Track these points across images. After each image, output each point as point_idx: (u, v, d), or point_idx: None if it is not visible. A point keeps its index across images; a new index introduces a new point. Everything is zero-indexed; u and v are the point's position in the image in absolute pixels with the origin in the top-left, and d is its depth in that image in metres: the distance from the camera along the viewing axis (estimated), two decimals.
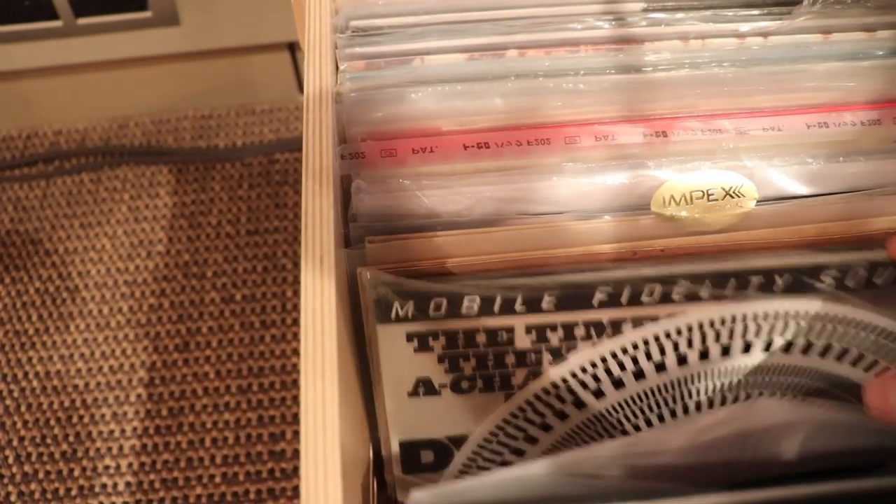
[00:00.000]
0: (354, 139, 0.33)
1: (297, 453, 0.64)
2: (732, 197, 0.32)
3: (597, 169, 0.32)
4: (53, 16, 0.79)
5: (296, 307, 0.72)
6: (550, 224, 0.31)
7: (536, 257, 0.32)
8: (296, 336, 0.70)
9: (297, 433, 0.65)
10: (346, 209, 0.32)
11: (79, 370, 0.70)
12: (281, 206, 0.80)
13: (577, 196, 0.32)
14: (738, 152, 0.34)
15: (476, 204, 0.31)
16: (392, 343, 0.32)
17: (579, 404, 0.36)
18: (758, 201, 0.32)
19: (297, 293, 0.73)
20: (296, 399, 0.67)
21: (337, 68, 0.37)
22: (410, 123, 0.34)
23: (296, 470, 0.63)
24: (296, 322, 0.71)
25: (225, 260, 0.76)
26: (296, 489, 0.62)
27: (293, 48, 0.86)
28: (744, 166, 0.33)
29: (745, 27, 0.38)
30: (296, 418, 0.66)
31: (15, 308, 0.74)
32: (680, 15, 0.39)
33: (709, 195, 0.32)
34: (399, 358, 0.32)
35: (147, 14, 0.80)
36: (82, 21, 0.80)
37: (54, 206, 0.82)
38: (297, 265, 0.75)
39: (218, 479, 0.63)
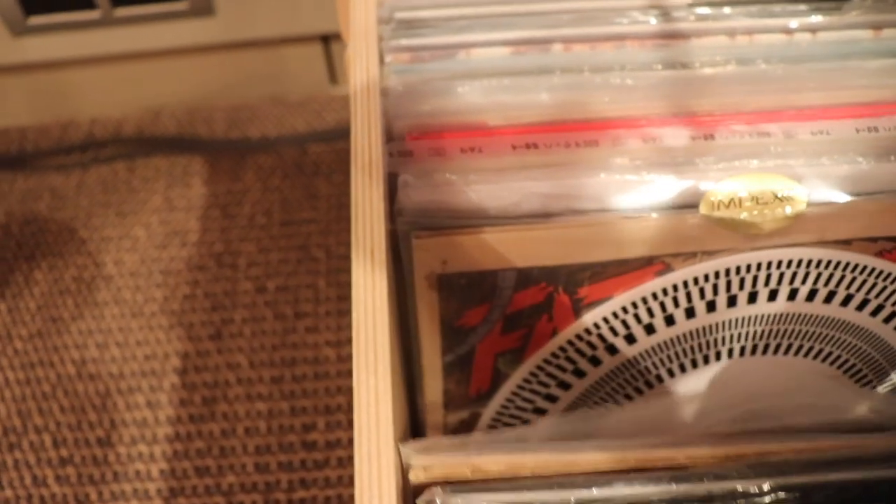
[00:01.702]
0: (400, 132, 0.33)
1: (328, 444, 0.64)
2: (782, 200, 0.32)
3: (645, 169, 0.32)
4: (91, 6, 0.80)
5: (328, 298, 0.73)
6: (599, 221, 0.31)
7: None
8: (328, 327, 0.71)
9: (329, 424, 0.65)
10: (391, 206, 0.32)
11: (113, 357, 0.71)
12: (313, 198, 0.80)
13: (625, 194, 0.31)
14: (787, 155, 0.33)
15: (523, 200, 0.31)
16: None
17: (612, 350, 0.36)
18: (808, 203, 0.32)
19: (329, 284, 0.74)
20: (328, 390, 0.67)
21: (381, 60, 0.36)
22: (456, 117, 0.33)
23: (327, 461, 0.63)
24: (328, 313, 0.71)
25: (258, 250, 0.77)
26: (327, 479, 0.62)
27: (326, 40, 0.87)
28: (792, 169, 0.32)
29: (793, 23, 0.38)
30: (328, 409, 0.66)
31: (51, 294, 0.75)
32: (727, 10, 0.38)
33: (758, 199, 0.32)
34: None
35: (183, 4, 0.80)
36: (120, 11, 0.80)
37: (90, 194, 0.83)
38: (329, 256, 0.75)
39: (250, 468, 0.64)
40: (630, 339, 0.36)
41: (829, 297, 0.37)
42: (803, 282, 0.36)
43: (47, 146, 0.88)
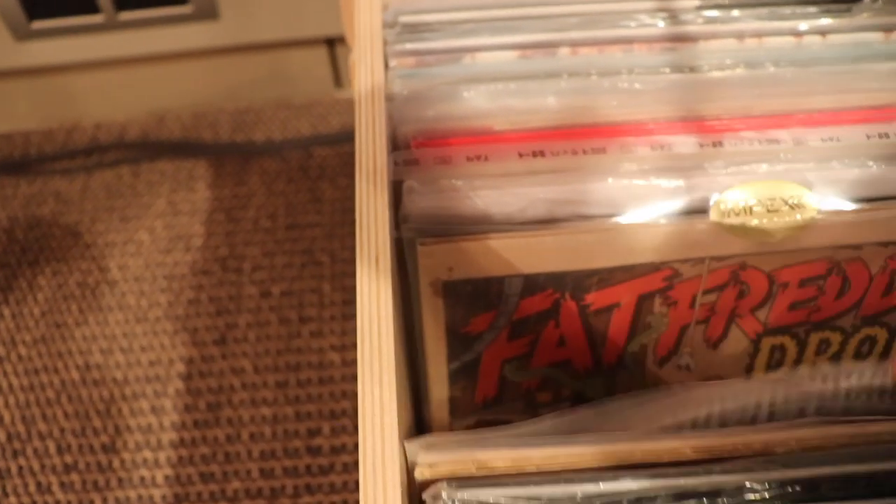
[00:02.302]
0: (405, 138, 0.33)
1: (334, 449, 0.64)
2: (792, 208, 0.31)
3: (653, 173, 0.32)
4: (95, 10, 0.80)
5: (333, 303, 0.72)
6: (606, 227, 0.30)
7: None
8: (333, 331, 0.70)
9: (333, 429, 0.65)
10: (396, 213, 0.32)
11: (118, 363, 0.71)
12: (318, 201, 0.80)
13: (633, 200, 0.31)
14: (797, 160, 0.33)
15: (529, 205, 0.31)
16: None
17: None
18: (819, 210, 0.32)
19: (334, 289, 0.73)
20: (333, 394, 0.67)
21: (386, 65, 0.36)
22: (462, 122, 0.33)
23: (332, 466, 0.63)
24: (333, 318, 0.71)
25: (262, 254, 0.76)
26: (332, 485, 0.62)
27: (331, 43, 0.86)
28: (803, 174, 0.32)
29: (802, 25, 0.37)
30: (333, 414, 0.66)
31: (55, 300, 0.75)
32: (735, 13, 0.38)
33: (768, 206, 0.31)
34: None
35: (187, 8, 0.80)
36: (123, 16, 0.80)
37: (94, 199, 0.83)
38: (334, 260, 0.75)
39: (255, 474, 0.63)
40: None
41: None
42: None
43: (51, 150, 0.88)
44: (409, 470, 0.24)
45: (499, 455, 0.24)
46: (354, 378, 0.67)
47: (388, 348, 0.23)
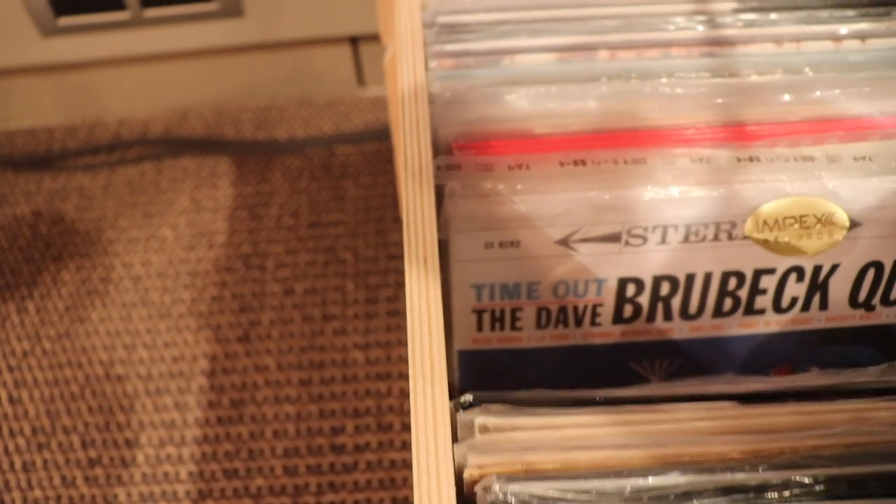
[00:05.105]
0: (446, 140, 0.33)
1: (357, 447, 0.64)
2: (824, 225, 0.31)
3: (692, 185, 0.32)
4: (121, 6, 0.80)
5: (356, 301, 0.72)
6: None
7: None
8: (356, 329, 0.70)
9: (357, 427, 0.65)
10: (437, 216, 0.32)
11: (141, 359, 0.71)
12: (341, 199, 0.80)
13: (672, 210, 0.31)
14: (832, 178, 0.33)
15: (574, 210, 0.31)
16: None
17: None
18: (849, 227, 0.32)
19: (357, 287, 0.73)
20: (356, 393, 0.67)
21: (425, 66, 0.36)
22: (503, 125, 0.33)
23: (356, 464, 0.63)
24: (356, 316, 0.71)
25: (286, 252, 0.77)
26: (356, 483, 0.62)
27: (355, 41, 0.87)
28: (835, 190, 0.32)
29: (841, 29, 0.37)
30: (357, 412, 0.66)
31: (79, 295, 0.76)
32: (773, 16, 0.38)
33: (801, 221, 0.31)
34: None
35: (213, 5, 0.80)
36: (149, 12, 0.80)
37: (117, 195, 0.84)
38: (357, 259, 0.75)
39: (279, 471, 0.64)
40: None
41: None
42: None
43: (74, 146, 0.88)
44: (456, 469, 0.24)
45: (547, 458, 0.24)
46: (378, 377, 0.67)
47: (440, 348, 0.23)
